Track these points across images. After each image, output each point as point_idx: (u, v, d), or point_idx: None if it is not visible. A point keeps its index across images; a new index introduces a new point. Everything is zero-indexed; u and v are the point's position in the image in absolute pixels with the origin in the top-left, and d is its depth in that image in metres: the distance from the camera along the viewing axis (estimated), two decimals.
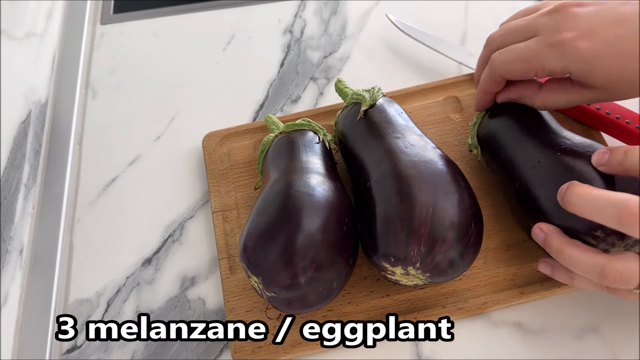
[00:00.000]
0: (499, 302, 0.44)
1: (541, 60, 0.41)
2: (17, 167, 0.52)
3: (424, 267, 0.38)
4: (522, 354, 0.42)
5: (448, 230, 0.38)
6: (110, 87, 0.63)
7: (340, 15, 0.67)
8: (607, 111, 0.50)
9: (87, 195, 0.55)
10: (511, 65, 0.43)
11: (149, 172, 0.56)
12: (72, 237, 0.52)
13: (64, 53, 0.65)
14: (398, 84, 0.58)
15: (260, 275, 0.38)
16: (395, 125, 0.45)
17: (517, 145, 0.44)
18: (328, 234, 0.39)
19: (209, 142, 0.55)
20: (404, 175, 0.40)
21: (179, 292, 0.48)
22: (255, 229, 0.39)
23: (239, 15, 0.68)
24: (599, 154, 0.38)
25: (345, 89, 0.52)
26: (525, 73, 0.43)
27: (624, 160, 0.37)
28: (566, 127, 0.52)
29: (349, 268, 0.40)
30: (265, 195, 0.42)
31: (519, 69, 0.43)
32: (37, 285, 0.49)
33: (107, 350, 0.46)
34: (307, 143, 0.47)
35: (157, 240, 0.51)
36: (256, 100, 0.60)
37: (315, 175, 0.42)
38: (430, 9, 0.66)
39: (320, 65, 0.62)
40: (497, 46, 0.45)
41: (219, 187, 0.52)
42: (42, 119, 0.58)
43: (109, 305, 0.48)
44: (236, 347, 0.43)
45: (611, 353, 0.42)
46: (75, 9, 0.69)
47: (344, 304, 0.45)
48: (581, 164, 0.39)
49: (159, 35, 0.67)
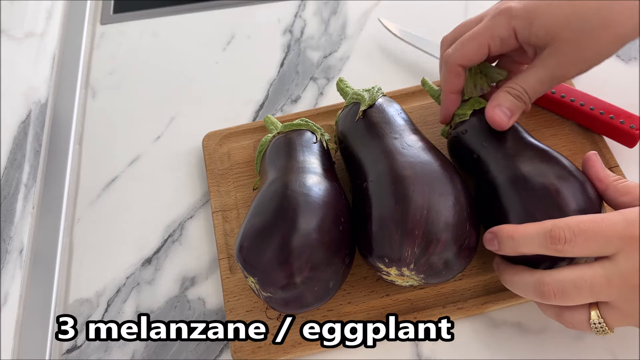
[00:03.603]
0: (499, 302, 0.44)
1: (489, 30, 0.43)
2: (17, 167, 0.52)
3: (418, 268, 0.38)
4: (522, 354, 0.42)
5: (442, 231, 0.38)
6: (110, 87, 0.63)
7: (340, 16, 0.67)
8: (600, 111, 0.50)
9: (87, 195, 0.55)
10: (464, 48, 0.44)
11: (149, 172, 0.56)
12: (72, 237, 0.52)
13: (64, 53, 0.65)
14: (398, 83, 0.58)
15: (257, 275, 0.38)
16: (393, 126, 0.45)
17: (472, 157, 0.45)
18: (324, 234, 0.39)
19: (209, 142, 0.55)
20: (400, 176, 0.40)
21: (179, 292, 0.48)
22: (251, 229, 0.39)
23: (239, 15, 0.68)
24: (486, 240, 0.40)
25: (346, 88, 0.52)
26: (479, 49, 0.44)
27: (514, 246, 0.38)
28: (565, 128, 0.52)
29: (345, 268, 0.40)
30: (262, 195, 0.42)
31: (472, 47, 0.44)
32: (37, 285, 0.49)
33: (107, 350, 0.46)
34: (304, 143, 0.47)
35: (157, 240, 0.51)
36: (256, 100, 0.60)
37: (312, 175, 0.42)
38: (430, 9, 0.66)
39: (320, 65, 0.62)
40: (450, 44, 0.47)
41: (219, 187, 0.52)
42: (42, 119, 0.58)
43: (109, 305, 0.48)
44: (236, 347, 0.43)
45: (611, 353, 0.42)
46: (75, 9, 0.69)
47: (344, 304, 0.45)
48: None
49: (159, 35, 0.67)
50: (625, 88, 0.55)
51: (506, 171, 0.41)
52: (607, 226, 0.35)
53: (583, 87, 0.54)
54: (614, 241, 0.35)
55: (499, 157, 0.43)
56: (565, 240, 0.35)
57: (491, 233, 0.39)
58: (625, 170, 0.49)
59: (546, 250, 0.36)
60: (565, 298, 0.36)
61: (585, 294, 0.36)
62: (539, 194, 0.39)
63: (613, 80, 0.56)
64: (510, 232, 0.38)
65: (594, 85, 0.54)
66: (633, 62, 0.58)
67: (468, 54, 0.44)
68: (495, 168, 0.42)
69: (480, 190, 0.43)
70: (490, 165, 0.43)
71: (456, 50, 0.45)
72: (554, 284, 0.36)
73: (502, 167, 0.42)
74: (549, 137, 0.52)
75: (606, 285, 0.35)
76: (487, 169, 0.43)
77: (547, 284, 0.36)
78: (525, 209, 0.39)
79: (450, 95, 0.47)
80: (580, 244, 0.35)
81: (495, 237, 0.39)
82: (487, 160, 0.43)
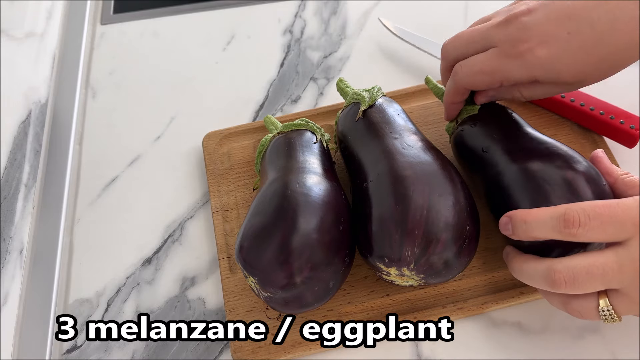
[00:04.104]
0: (499, 302, 0.44)
1: (505, 72, 0.42)
2: (17, 167, 0.52)
3: (418, 268, 0.38)
4: (522, 354, 0.42)
5: (442, 231, 0.38)
6: (110, 87, 0.63)
7: (340, 16, 0.67)
8: (600, 111, 0.50)
9: (87, 195, 0.55)
10: (475, 77, 0.43)
11: (149, 172, 0.56)
12: (72, 237, 0.52)
13: (64, 53, 0.65)
14: (398, 83, 0.58)
15: (257, 275, 0.38)
16: (393, 126, 0.45)
17: (482, 154, 0.45)
18: (324, 234, 0.39)
19: (209, 142, 0.55)
20: (400, 177, 0.40)
21: (179, 292, 0.48)
22: (250, 229, 0.39)
23: (239, 15, 0.68)
24: (501, 225, 0.40)
25: (346, 88, 0.52)
26: (491, 84, 0.43)
27: (526, 230, 0.38)
28: (565, 129, 0.52)
29: (345, 267, 0.40)
30: (262, 195, 0.42)
31: (483, 80, 0.43)
32: (37, 285, 0.49)
33: (107, 350, 0.46)
34: (304, 143, 0.47)
35: (157, 240, 0.51)
36: (256, 100, 0.60)
37: (312, 175, 0.42)
38: (430, 9, 0.66)
39: (320, 65, 0.62)
40: (454, 57, 0.45)
41: (219, 187, 0.52)
42: (42, 119, 0.58)
43: (109, 305, 0.48)
44: (236, 347, 0.43)
45: (611, 353, 0.42)
46: (75, 9, 0.69)
47: (344, 304, 0.45)
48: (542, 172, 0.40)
49: (159, 35, 0.67)
50: (625, 88, 0.55)
51: (520, 162, 0.41)
52: (623, 211, 0.35)
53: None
54: (627, 226, 0.35)
55: (511, 149, 0.42)
56: (580, 223, 0.35)
57: (507, 217, 0.39)
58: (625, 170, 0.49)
59: (559, 235, 0.36)
60: (576, 286, 0.36)
61: (597, 281, 0.35)
62: (556, 183, 0.39)
63: (613, 81, 0.56)
64: (524, 216, 0.38)
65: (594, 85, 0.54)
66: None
67: (477, 85, 0.44)
68: (507, 160, 0.42)
69: (492, 184, 0.43)
70: (502, 158, 0.42)
71: (467, 76, 0.44)
72: (565, 272, 0.36)
73: (515, 158, 0.41)
74: (549, 137, 0.52)
75: (618, 272, 0.35)
76: (498, 162, 0.42)
77: (558, 272, 0.36)
78: (542, 198, 0.39)
79: (453, 105, 0.47)
80: (595, 228, 0.35)
81: (509, 221, 0.39)
82: (498, 153, 0.43)
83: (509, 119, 0.46)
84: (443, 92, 0.50)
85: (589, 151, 0.51)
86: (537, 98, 0.45)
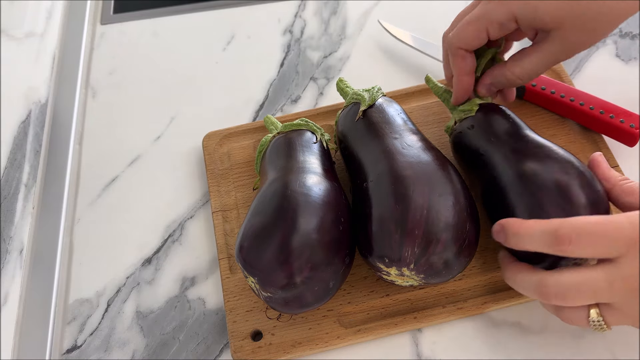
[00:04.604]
0: (499, 302, 0.44)
1: (487, 16, 0.43)
2: (17, 167, 0.52)
3: (418, 268, 0.38)
4: (522, 354, 0.42)
5: (442, 231, 0.38)
6: (110, 87, 0.63)
7: (340, 16, 0.67)
8: (600, 110, 0.50)
9: (87, 195, 0.55)
10: (463, 32, 0.44)
11: (149, 172, 0.56)
12: (72, 237, 0.52)
13: (64, 53, 0.65)
14: (398, 83, 0.58)
15: (257, 275, 0.38)
16: (393, 126, 0.45)
17: (480, 155, 0.45)
18: (324, 234, 0.39)
19: (209, 142, 0.55)
20: (400, 177, 0.40)
21: (179, 292, 0.48)
22: (250, 229, 0.39)
23: (239, 15, 0.68)
24: (494, 232, 0.40)
25: (346, 88, 0.52)
26: (478, 33, 0.44)
27: (518, 242, 0.38)
28: (565, 128, 0.52)
29: (345, 267, 0.40)
30: (262, 195, 0.42)
31: (471, 31, 0.44)
32: (37, 285, 0.49)
33: (107, 350, 0.46)
34: (304, 143, 0.47)
35: (157, 240, 0.51)
36: (256, 100, 0.60)
37: (312, 175, 0.42)
38: (430, 10, 0.66)
39: (320, 65, 0.62)
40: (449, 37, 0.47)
41: (219, 187, 0.52)
42: (42, 119, 0.58)
43: (109, 305, 0.48)
44: (236, 347, 0.43)
45: (611, 353, 0.42)
46: (75, 9, 0.69)
47: (344, 304, 0.45)
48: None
49: (159, 35, 0.67)
50: (625, 87, 0.55)
51: (516, 166, 0.41)
52: (614, 229, 0.35)
53: (582, 86, 0.54)
54: (619, 244, 0.35)
55: (508, 152, 0.43)
56: (571, 241, 0.35)
57: (500, 225, 0.39)
58: (625, 170, 0.49)
59: (550, 250, 0.36)
60: (566, 301, 0.36)
61: (587, 297, 0.36)
62: (550, 188, 0.39)
63: (613, 80, 0.57)
64: (516, 228, 0.38)
65: (593, 84, 0.54)
66: (633, 62, 0.58)
67: (467, 38, 0.44)
68: (504, 163, 0.42)
69: (488, 186, 0.43)
70: (498, 161, 0.43)
71: (455, 34, 0.45)
72: (555, 288, 0.36)
73: (511, 162, 0.42)
74: (549, 137, 0.52)
75: (607, 289, 0.35)
76: (495, 165, 0.43)
77: (549, 287, 0.36)
78: (536, 203, 0.39)
79: (463, 77, 0.47)
80: (586, 246, 0.35)
81: (502, 229, 0.39)
82: (495, 156, 0.43)
83: (507, 121, 0.45)
84: (443, 91, 0.50)
85: (588, 151, 0.51)
86: (528, 76, 0.45)
